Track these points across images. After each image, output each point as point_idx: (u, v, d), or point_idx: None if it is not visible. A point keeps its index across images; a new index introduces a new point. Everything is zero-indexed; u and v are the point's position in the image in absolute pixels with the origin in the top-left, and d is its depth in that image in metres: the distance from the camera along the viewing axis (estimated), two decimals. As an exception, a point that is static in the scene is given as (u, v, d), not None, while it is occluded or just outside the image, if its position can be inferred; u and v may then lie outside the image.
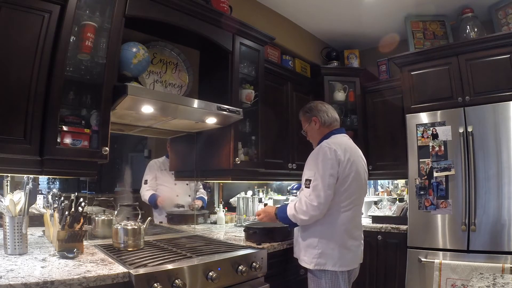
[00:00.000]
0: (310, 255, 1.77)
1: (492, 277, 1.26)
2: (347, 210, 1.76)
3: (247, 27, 2.38)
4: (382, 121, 3.25)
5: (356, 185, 1.79)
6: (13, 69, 1.47)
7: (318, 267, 1.74)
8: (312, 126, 1.95)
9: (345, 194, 1.75)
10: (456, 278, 2.30)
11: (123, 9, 1.76)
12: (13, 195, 1.57)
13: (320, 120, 1.91)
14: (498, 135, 2.33)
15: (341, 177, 1.73)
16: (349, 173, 1.75)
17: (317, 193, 1.69)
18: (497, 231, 2.26)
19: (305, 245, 1.81)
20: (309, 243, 1.79)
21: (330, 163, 1.71)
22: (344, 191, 1.75)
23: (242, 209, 2.87)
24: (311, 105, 1.99)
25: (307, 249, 1.79)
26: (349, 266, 1.75)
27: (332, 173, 1.71)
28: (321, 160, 1.73)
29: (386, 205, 3.21)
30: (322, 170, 1.71)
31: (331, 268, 1.71)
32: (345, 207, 1.76)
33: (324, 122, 1.91)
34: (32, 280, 1.16)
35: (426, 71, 2.75)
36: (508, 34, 2.42)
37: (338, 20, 3.29)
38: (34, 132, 1.50)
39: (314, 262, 1.75)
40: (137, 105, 1.79)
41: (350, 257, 1.76)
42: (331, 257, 1.72)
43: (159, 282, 1.39)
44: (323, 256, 1.73)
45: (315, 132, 1.95)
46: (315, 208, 1.69)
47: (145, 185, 2.63)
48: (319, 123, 1.92)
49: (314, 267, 1.75)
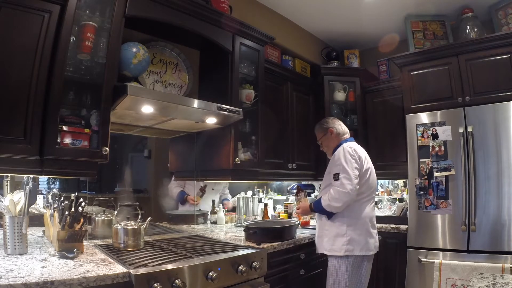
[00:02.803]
0: (339, 243, 2.02)
1: (492, 277, 1.26)
2: (368, 201, 2.10)
3: (247, 27, 2.38)
4: (382, 121, 3.25)
5: (373, 180, 2.14)
6: (13, 69, 1.47)
7: (348, 253, 1.99)
8: (328, 136, 2.24)
9: (365, 186, 2.07)
10: (456, 278, 2.30)
11: (123, 9, 1.76)
12: (13, 195, 1.57)
13: (335, 130, 2.23)
14: (498, 135, 2.33)
15: (361, 172, 2.05)
16: (367, 169, 2.09)
17: (347, 181, 1.98)
18: (497, 231, 2.26)
19: (334, 235, 2.05)
20: (337, 232, 2.04)
21: (353, 159, 2.03)
22: (365, 183, 2.07)
23: (242, 209, 2.87)
24: (327, 119, 2.32)
25: (336, 238, 2.03)
26: (372, 250, 2.06)
27: (356, 166, 2.02)
28: (346, 158, 2.04)
29: (386, 205, 3.21)
30: (348, 164, 2.01)
31: (359, 253, 1.99)
32: (366, 198, 2.09)
33: (338, 133, 2.23)
34: (32, 280, 1.16)
35: (426, 71, 2.74)
36: (508, 34, 2.42)
37: (338, 20, 3.29)
38: (34, 132, 1.50)
39: (344, 248, 2.00)
40: (137, 105, 1.79)
41: (373, 242, 2.07)
42: (358, 243, 2.00)
43: (159, 282, 1.39)
44: (352, 243, 2.00)
45: (331, 141, 2.23)
46: (346, 194, 1.97)
47: (174, 181, 2.77)
48: (335, 133, 2.23)
49: (344, 253, 1.99)
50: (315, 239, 2.20)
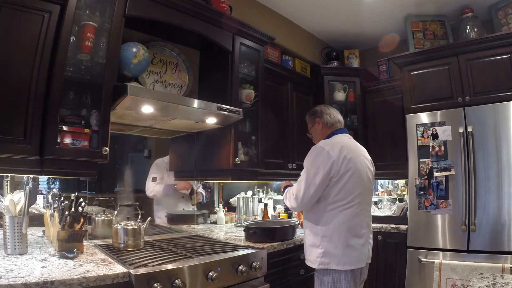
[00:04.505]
0: (314, 254, 1.80)
1: (492, 277, 1.26)
2: (348, 208, 1.77)
3: (247, 27, 2.38)
4: (382, 121, 3.25)
5: (356, 183, 1.80)
6: (13, 69, 1.47)
7: (322, 266, 1.76)
8: (316, 127, 2.04)
9: (343, 192, 1.77)
10: (456, 278, 2.30)
11: (123, 9, 1.76)
12: (13, 195, 1.57)
13: (323, 121, 2.00)
14: (498, 135, 2.33)
15: (336, 176, 1.76)
16: (346, 171, 1.77)
17: (299, 187, 1.83)
18: (497, 231, 2.26)
19: (309, 245, 1.85)
20: (312, 242, 1.82)
21: (318, 162, 1.78)
22: (342, 189, 1.76)
23: (242, 209, 2.88)
24: (316, 108, 2.08)
25: (311, 249, 1.82)
26: (354, 265, 1.74)
27: (317, 172, 1.77)
28: (311, 160, 1.83)
29: (386, 205, 3.21)
30: (309, 169, 1.81)
31: (335, 267, 1.73)
32: (346, 205, 1.77)
33: (327, 123, 2.00)
34: (32, 280, 1.16)
35: (426, 71, 2.74)
36: (508, 34, 2.42)
37: (338, 20, 3.29)
38: (34, 132, 1.50)
39: (318, 261, 1.77)
40: (137, 105, 1.79)
41: (355, 255, 1.75)
42: (334, 256, 1.74)
43: (159, 282, 1.40)
44: (327, 255, 1.75)
45: (318, 133, 2.03)
46: (293, 200, 1.86)
47: (153, 182, 2.63)
48: (322, 124, 2.01)
49: (318, 266, 1.77)
50: None
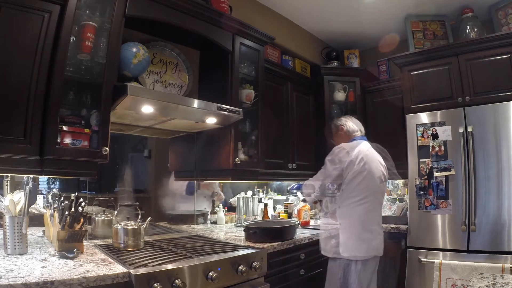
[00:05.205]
0: (329, 244, 2.05)
1: (492, 277, 1.26)
2: (361, 204, 2.01)
3: (247, 27, 2.38)
4: (382, 121, 3.25)
5: (370, 183, 2.04)
6: (13, 69, 1.47)
7: (336, 255, 2.02)
8: (339, 133, 2.27)
9: (358, 189, 2.01)
10: (456, 278, 2.30)
11: (123, 9, 1.76)
12: (13, 195, 1.57)
13: (345, 128, 2.24)
14: (498, 135, 2.33)
15: (352, 173, 2.00)
16: (361, 171, 2.01)
17: (317, 178, 2.10)
18: (497, 231, 2.26)
19: (326, 236, 2.09)
20: (329, 233, 2.07)
21: (337, 159, 2.04)
22: (357, 186, 2.01)
23: (242, 209, 2.87)
24: (341, 117, 2.35)
25: (327, 240, 2.08)
26: (362, 256, 1.97)
27: (335, 167, 2.03)
28: (332, 156, 2.08)
29: (386, 205, 3.21)
30: (328, 164, 2.06)
31: (346, 256, 1.97)
32: (360, 201, 2.01)
33: (348, 130, 2.24)
34: (32, 280, 1.16)
35: (426, 71, 2.74)
36: (508, 34, 2.42)
37: (338, 20, 3.29)
38: (34, 132, 1.50)
39: (332, 250, 2.03)
40: (137, 105, 1.79)
41: (364, 248, 1.98)
42: (346, 246, 1.98)
43: (159, 282, 1.39)
44: (341, 246, 1.99)
45: (340, 138, 2.25)
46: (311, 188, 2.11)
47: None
48: (344, 131, 2.25)
49: (332, 255, 2.04)
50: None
